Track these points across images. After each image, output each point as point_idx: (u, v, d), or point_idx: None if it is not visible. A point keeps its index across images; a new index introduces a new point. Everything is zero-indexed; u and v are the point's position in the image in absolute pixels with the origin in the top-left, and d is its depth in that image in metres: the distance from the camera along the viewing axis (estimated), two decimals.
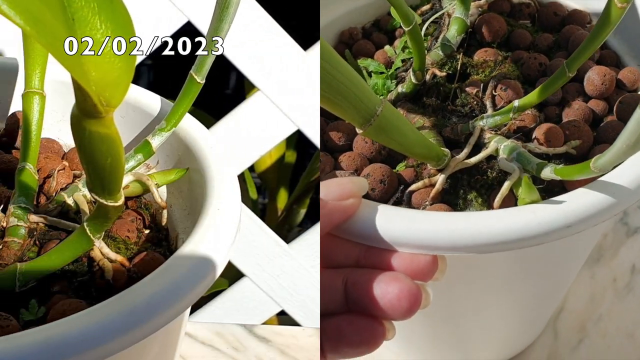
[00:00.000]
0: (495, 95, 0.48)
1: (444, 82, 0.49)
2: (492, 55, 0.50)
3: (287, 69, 0.69)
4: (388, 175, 0.43)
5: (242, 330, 0.62)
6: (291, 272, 0.75)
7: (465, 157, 0.43)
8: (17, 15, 0.21)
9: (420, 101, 0.49)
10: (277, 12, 0.69)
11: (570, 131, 0.45)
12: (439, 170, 0.43)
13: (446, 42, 0.51)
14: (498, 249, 0.38)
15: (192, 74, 0.41)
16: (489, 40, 0.52)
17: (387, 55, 0.54)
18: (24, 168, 0.40)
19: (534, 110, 0.46)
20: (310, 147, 1.00)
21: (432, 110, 0.48)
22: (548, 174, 0.40)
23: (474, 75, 0.50)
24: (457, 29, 0.51)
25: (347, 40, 0.57)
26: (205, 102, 0.71)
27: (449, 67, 0.50)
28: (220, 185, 0.38)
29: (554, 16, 0.54)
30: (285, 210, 0.98)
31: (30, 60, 0.42)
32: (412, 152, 0.41)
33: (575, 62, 0.43)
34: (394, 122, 0.38)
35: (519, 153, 0.42)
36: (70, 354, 0.28)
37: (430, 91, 0.49)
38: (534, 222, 0.38)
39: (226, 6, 0.39)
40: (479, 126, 0.45)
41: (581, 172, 0.38)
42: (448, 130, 0.46)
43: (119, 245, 0.39)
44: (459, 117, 0.47)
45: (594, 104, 0.47)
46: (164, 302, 0.31)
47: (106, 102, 0.25)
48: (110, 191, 0.31)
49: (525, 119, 0.46)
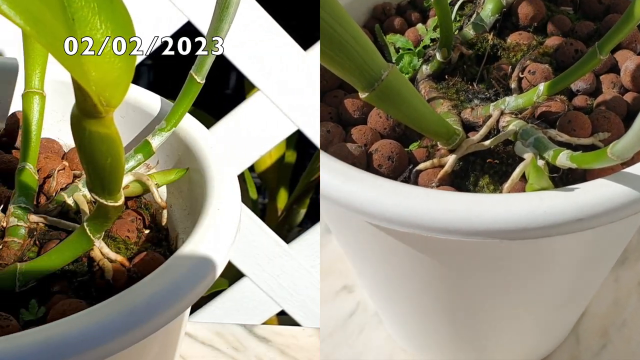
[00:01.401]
0: (522, 78, 0.45)
1: (472, 63, 0.47)
2: (527, 39, 0.48)
3: (287, 69, 0.69)
4: (397, 153, 0.41)
5: (242, 330, 0.62)
6: (291, 272, 0.75)
7: (481, 139, 0.41)
8: (17, 15, 0.21)
9: (444, 81, 0.47)
10: (277, 12, 0.69)
11: (599, 122, 0.41)
12: (450, 151, 0.41)
13: (479, 21, 0.48)
14: (497, 236, 0.34)
15: (192, 74, 0.41)
16: (524, 23, 0.49)
17: (419, 33, 0.51)
18: (24, 168, 0.40)
19: (563, 98, 0.43)
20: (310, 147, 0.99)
21: (455, 91, 0.46)
22: (564, 161, 0.37)
23: (504, 59, 0.47)
24: (492, 9, 0.48)
25: (380, 16, 0.55)
26: (205, 102, 0.71)
27: (478, 47, 0.48)
28: (220, 185, 0.38)
29: (597, 4, 0.51)
30: (285, 210, 0.98)
31: (30, 60, 0.42)
32: (420, 126, 0.39)
33: (608, 43, 0.40)
34: (401, 90, 0.36)
35: (536, 138, 0.39)
36: (70, 354, 0.28)
37: (455, 71, 0.47)
38: (540, 210, 0.34)
39: (226, 6, 0.39)
40: (499, 109, 0.42)
41: (598, 159, 0.34)
42: (467, 112, 0.43)
43: (119, 245, 0.39)
44: (481, 100, 0.45)
45: (630, 97, 0.44)
46: (164, 302, 0.31)
47: (106, 102, 0.25)
48: (110, 191, 0.31)
49: (552, 105, 0.43)
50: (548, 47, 0.48)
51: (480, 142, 0.40)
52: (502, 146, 0.41)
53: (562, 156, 0.37)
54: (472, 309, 0.46)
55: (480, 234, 0.34)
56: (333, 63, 0.32)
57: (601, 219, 0.34)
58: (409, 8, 0.55)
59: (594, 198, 0.34)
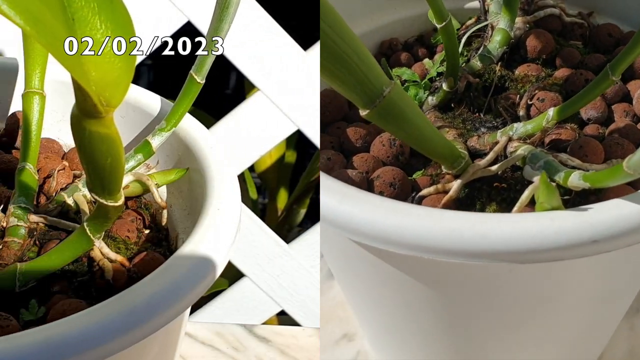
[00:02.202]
0: (531, 106, 0.44)
1: (479, 93, 0.46)
2: (535, 70, 0.47)
3: (287, 69, 0.69)
4: (400, 179, 0.39)
5: (242, 330, 0.62)
6: (291, 272, 0.75)
7: (488, 164, 0.38)
8: (17, 15, 0.21)
9: (450, 111, 0.46)
10: (277, 12, 0.69)
11: (612, 148, 0.39)
12: (456, 177, 0.39)
13: (486, 53, 0.47)
14: (504, 258, 0.32)
15: (192, 74, 0.41)
16: (533, 56, 0.49)
17: (425, 67, 0.51)
18: (24, 168, 0.40)
19: (574, 126, 0.42)
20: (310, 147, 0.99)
21: (461, 121, 0.44)
22: (576, 182, 0.35)
23: (512, 89, 0.46)
24: (500, 41, 0.48)
25: (386, 51, 0.54)
26: (205, 102, 0.71)
27: (486, 78, 0.47)
28: (220, 185, 0.38)
29: (608, 37, 0.50)
30: (285, 210, 0.98)
31: (30, 60, 0.42)
32: (423, 147, 0.37)
33: (620, 65, 0.39)
34: (403, 108, 0.34)
35: (546, 161, 0.37)
36: (70, 354, 0.28)
37: (462, 101, 0.46)
38: (551, 231, 0.31)
39: (226, 6, 0.39)
40: (507, 135, 0.41)
41: (613, 176, 0.32)
42: (474, 140, 0.42)
43: (119, 245, 0.39)
44: (488, 129, 0.44)
45: None
46: (164, 302, 0.31)
47: (106, 102, 0.25)
48: (110, 191, 0.31)
49: (562, 133, 0.41)
50: (557, 78, 0.47)
51: (487, 168, 0.38)
52: (510, 172, 0.39)
53: (574, 176, 0.35)
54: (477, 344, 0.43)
55: (486, 256, 0.32)
56: (333, 77, 0.31)
57: (617, 241, 0.32)
58: (417, 44, 0.55)
59: (610, 218, 0.32)
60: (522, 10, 0.50)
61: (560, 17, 0.51)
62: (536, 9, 0.51)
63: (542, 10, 0.51)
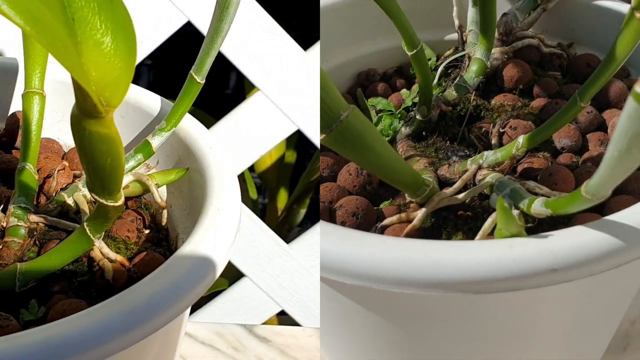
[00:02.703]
0: (504, 134, 0.43)
1: (453, 123, 0.46)
2: (511, 100, 0.46)
3: (287, 69, 0.69)
4: (363, 209, 0.37)
5: (242, 330, 0.62)
6: (291, 272, 0.75)
7: (454, 192, 0.37)
8: (17, 15, 0.21)
9: (423, 140, 0.45)
10: (277, 12, 0.69)
11: (584, 177, 0.37)
12: (421, 205, 0.37)
13: (462, 82, 0.47)
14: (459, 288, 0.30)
15: (192, 74, 0.41)
16: (510, 86, 0.48)
17: (402, 97, 0.50)
18: (24, 168, 0.40)
19: (546, 154, 0.41)
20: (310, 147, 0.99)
21: (434, 150, 0.44)
22: (538, 209, 0.34)
23: (488, 119, 0.46)
24: (476, 70, 0.47)
25: (363, 82, 0.54)
26: (205, 102, 0.71)
27: (461, 107, 0.46)
28: (220, 185, 0.38)
29: (586, 67, 0.49)
30: (285, 210, 0.98)
31: (30, 60, 0.42)
32: (383, 173, 0.35)
33: (588, 91, 0.38)
34: (362, 133, 0.32)
35: (512, 189, 0.36)
36: (70, 354, 0.28)
37: (435, 131, 0.45)
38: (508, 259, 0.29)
39: (226, 6, 0.39)
40: (477, 163, 0.40)
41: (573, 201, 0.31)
42: (444, 168, 0.41)
43: (119, 245, 0.39)
44: (460, 158, 0.43)
45: None
46: (164, 302, 0.31)
47: (106, 102, 0.25)
48: (110, 191, 0.31)
49: (535, 162, 0.40)
50: (534, 108, 0.46)
51: (454, 196, 0.37)
52: (477, 201, 0.38)
53: (536, 203, 0.34)
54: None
55: (440, 286, 0.30)
56: None
57: (578, 270, 0.30)
58: (395, 75, 0.55)
59: (570, 246, 0.30)
60: (501, 41, 0.50)
61: (538, 48, 0.51)
62: (514, 40, 0.50)
63: (520, 41, 0.50)
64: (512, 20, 0.51)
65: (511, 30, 0.50)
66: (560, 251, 0.30)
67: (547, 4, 0.52)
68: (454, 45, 0.54)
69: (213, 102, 0.86)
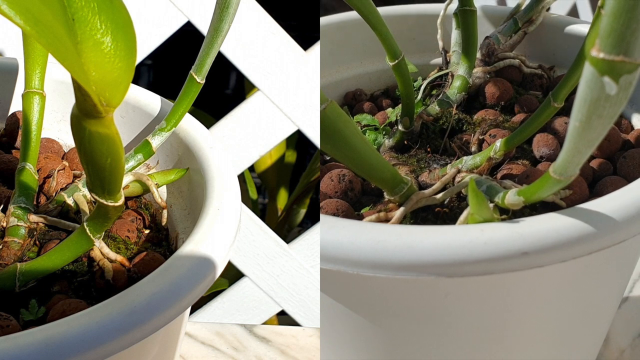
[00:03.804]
0: (483, 142, 0.44)
1: (436, 136, 0.47)
2: (493, 115, 0.48)
3: (287, 69, 0.69)
4: (343, 211, 0.37)
5: (242, 330, 0.62)
6: (291, 272, 0.75)
7: (433, 193, 0.38)
8: (17, 15, 0.21)
9: (406, 152, 0.46)
10: (277, 12, 0.69)
11: None
12: (400, 205, 0.38)
13: (445, 98, 0.48)
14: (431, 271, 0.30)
15: (192, 74, 0.41)
16: (492, 102, 0.49)
17: (387, 115, 0.51)
18: (24, 168, 0.40)
19: (525, 162, 0.42)
20: (310, 147, 0.99)
21: (416, 160, 0.44)
22: (512, 198, 0.34)
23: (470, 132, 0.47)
24: (459, 87, 0.49)
25: (351, 102, 0.55)
26: (205, 102, 0.71)
27: (443, 121, 0.47)
28: (220, 185, 0.38)
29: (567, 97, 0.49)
30: (285, 210, 0.98)
31: (30, 60, 0.42)
32: (360, 168, 0.35)
33: (561, 91, 0.39)
34: (339, 126, 0.33)
35: (489, 186, 0.36)
36: (70, 354, 0.28)
37: (418, 143, 0.46)
38: (480, 242, 0.30)
39: (226, 6, 0.39)
40: (456, 167, 0.41)
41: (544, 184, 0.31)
42: (425, 175, 0.42)
43: (119, 245, 0.39)
44: (441, 166, 0.44)
45: (596, 163, 0.42)
46: (164, 302, 0.31)
47: (106, 102, 0.25)
48: (110, 191, 0.31)
49: (513, 168, 0.41)
50: (515, 122, 0.47)
51: (432, 196, 0.37)
52: (456, 202, 0.38)
53: (510, 194, 0.34)
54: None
55: (412, 269, 0.30)
56: None
57: (549, 254, 0.30)
58: (381, 96, 0.56)
59: (541, 230, 0.30)
60: (484, 62, 0.52)
61: (519, 68, 0.52)
62: (496, 61, 0.52)
63: (502, 61, 0.52)
64: (495, 42, 0.52)
65: (493, 51, 0.52)
66: (531, 235, 0.30)
67: (528, 27, 0.54)
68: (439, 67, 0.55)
69: (213, 102, 0.86)
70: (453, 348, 0.37)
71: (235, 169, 0.41)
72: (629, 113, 0.48)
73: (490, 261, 0.30)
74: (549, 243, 0.30)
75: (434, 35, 0.55)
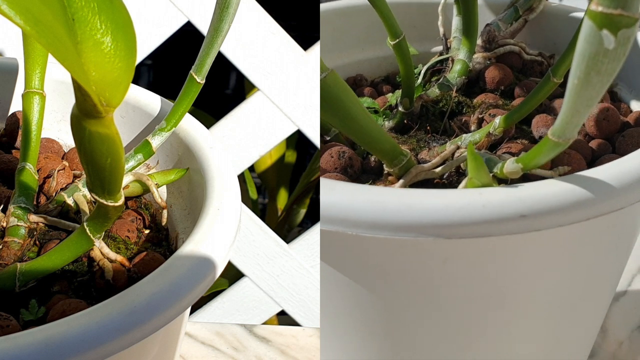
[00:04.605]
0: (482, 121, 0.45)
1: (436, 118, 0.47)
2: (493, 99, 0.48)
3: (287, 69, 0.69)
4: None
5: (242, 330, 0.62)
6: (291, 272, 0.75)
7: (432, 167, 0.38)
8: (17, 15, 0.21)
9: (406, 134, 0.46)
10: (277, 12, 0.69)
11: (559, 156, 0.38)
12: (399, 178, 0.38)
13: (445, 82, 0.48)
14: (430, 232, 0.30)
15: (192, 74, 0.41)
16: (492, 87, 0.50)
17: (388, 100, 0.52)
18: (24, 168, 0.40)
19: (524, 141, 0.43)
20: (310, 147, 0.99)
21: (415, 141, 0.45)
22: (511, 167, 0.34)
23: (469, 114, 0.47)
24: (459, 70, 0.49)
25: (352, 87, 0.53)
26: (205, 102, 0.71)
27: (443, 104, 0.48)
28: (220, 185, 0.38)
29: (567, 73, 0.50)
30: (285, 210, 0.98)
31: (30, 60, 0.42)
32: (360, 138, 0.36)
33: (561, 66, 0.39)
34: (339, 95, 0.33)
35: (487, 158, 0.37)
36: (70, 354, 0.28)
37: (418, 124, 0.46)
38: (478, 204, 0.30)
39: (226, 6, 0.39)
40: (455, 144, 0.41)
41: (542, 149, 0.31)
42: (424, 153, 0.42)
43: (119, 245, 0.39)
44: (440, 144, 0.44)
45: (595, 144, 0.42)
46: (164, 302, 0.31)
47: (106, 102, 0.25)
48: (110, 191, 0.31)
49: (513, 146, 0.41)
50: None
51: (431, 170, 0.38)
52: (455, 177, 0.38)
53: (508, 163, 0.34)
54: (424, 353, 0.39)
55: (411, 229, 0.30)
56: None
57: (547, 218, 0.30)
58: (382, 82, 0.57)
59: (539, 194, 0.31)
60: (484, 48, 0.52)
61: (520, 55, 0.53)
62: (497, 47, 0.52)
63: (502, 47, 0.52)
64: (496, 29, 0.53)
65: (494, 38, 0.52)
66: (529, 198, 0.30)
67: (528, 15, 0.54)
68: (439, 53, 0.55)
69: (213, 102, 0.86)
70: (451, 318, 0.37)
71: (235, 169, 0.41)
72: (627, 98, 0.48)
73: (489, 223, 0.30)
74: (547, 206, 0.30)
75: (435, 23, 0.55)
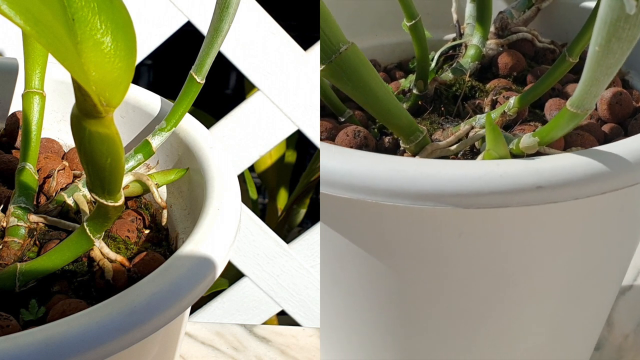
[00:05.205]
0: (496, 103, 0.45)
1: (449, 102, 0.47)
2: (505, 84, 0.48)
3: (287, 69, 0.69)
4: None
5: (242, 330, 0.62)
6: (291, 272, 0.75)
7: (447, 146, 0.39)
8: (17, 15, 0.21)
9: (419, 117, 0.47)
10: (277, 12, 0.69)
11: (572, 138, 0.39)
12: (415, 155, 0.39)
13: (458, 66, 0.49)
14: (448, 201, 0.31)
15: (192, 74, 0.41)
16: (504, 73, 0.50)
17: (401, 85, 0.52)
18: (24, 168, 0.40)
19: (538, 124, 0.43)
20: (310, 147, 0.99)
21: (429, 122, 0.45)
22: (527, 141, 0.35)
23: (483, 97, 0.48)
24: (472, 55, 0.50)
25: None
26: (205, 102, 0.71)
27: (456, 88, 0.48)
28: (220, 185, 0.38)
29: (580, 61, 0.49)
30: (285, 210, 0.98)
31: (30, 60, 0.42)
32: (377, 111, 0.36)
33: (577, 46, 0.39)
34: (358, 68, 0.34)
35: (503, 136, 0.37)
36: (70, 354, 0.28)
37: (432, 106, 0.47)
38: (495, 174, 0.31)
39: (226, 6, 0.39)
40: (470, 124, 0.41)
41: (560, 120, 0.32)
42: (438, 133, 0.43)
43: (119, 245, 0.39)
44: (454, 125, 0.44)
45: (607, 127, 0.42)
46: (164, 302, 0.31)
47: (106, 102, 0.25)
48: (110, 191, 0.31)
49: (526, 128, 0.42)
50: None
51: (447, 148, 0.38)
52: (470, 156, 0.39)
53: (525, 137, 0.35)
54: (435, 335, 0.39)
55: (429, 198, 0.31)
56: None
57: (563, 190, 0.31)
58: (395, 68, 0.57)
59: (556, 166, 0.31)
60: (497, 35, 0.53)
61: (532, 42, 0.53)
62: (510, 34, 0.53)
63: (515, 34, 0.53)
64: (508, 17, 0.53)
65: (507, 25, 0.53)
66: (546, 170, 0.31)
67: (541, 3, 0.54)
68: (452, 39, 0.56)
69: (213, 102, 0.86)
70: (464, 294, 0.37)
71: (235, 169, 0.41)
72: (639, 86, 0.48)
73: (506, 193, 0.31)
74: (563, 178, 0.31)
75: (449, 11, 0.56)
